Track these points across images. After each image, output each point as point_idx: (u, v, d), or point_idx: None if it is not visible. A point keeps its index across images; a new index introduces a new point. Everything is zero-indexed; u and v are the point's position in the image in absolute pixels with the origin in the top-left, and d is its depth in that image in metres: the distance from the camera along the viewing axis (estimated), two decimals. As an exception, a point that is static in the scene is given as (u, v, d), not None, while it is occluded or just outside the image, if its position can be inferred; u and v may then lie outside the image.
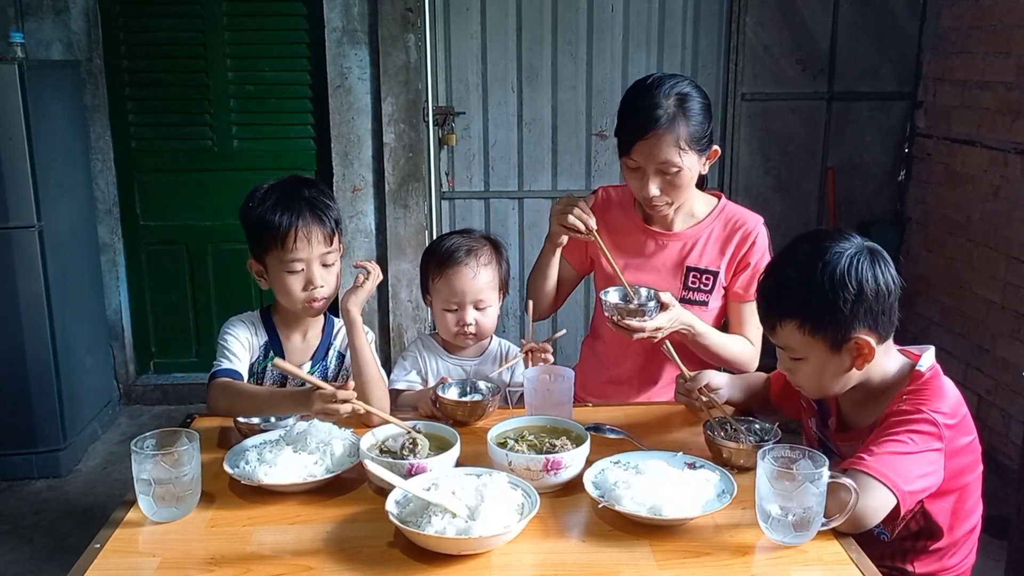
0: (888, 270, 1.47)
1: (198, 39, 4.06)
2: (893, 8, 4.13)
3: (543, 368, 1.84)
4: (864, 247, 1.47)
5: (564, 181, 4.31)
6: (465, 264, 1.93)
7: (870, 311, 1.44)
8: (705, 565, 1.31)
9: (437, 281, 1.96)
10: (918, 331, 4.03)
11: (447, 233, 2.07)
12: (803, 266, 1.46)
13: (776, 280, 1.51)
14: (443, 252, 1.96)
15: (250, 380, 1.90)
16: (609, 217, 2.06)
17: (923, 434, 1.42)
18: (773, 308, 1.51)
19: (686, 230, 2.02)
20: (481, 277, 1.94)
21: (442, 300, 1.96)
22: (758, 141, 4.26)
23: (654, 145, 1.83)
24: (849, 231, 1.52)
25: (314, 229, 1.81)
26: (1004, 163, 3.50)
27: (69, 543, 3.08)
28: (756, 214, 2.04)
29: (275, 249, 1.81)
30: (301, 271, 1.82)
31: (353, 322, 1.80)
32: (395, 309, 4.26)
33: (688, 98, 1.85)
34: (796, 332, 1.47)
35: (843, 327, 1.44)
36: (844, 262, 1.43)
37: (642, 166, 1.87)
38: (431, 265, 1.99)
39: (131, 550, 1.37)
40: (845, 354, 1.47)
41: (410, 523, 1.33)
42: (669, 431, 1.79)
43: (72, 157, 3.83)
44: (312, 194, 1.84)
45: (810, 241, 1.51)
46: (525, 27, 4.15)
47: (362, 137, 4.13)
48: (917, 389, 1.48)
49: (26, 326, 3.46)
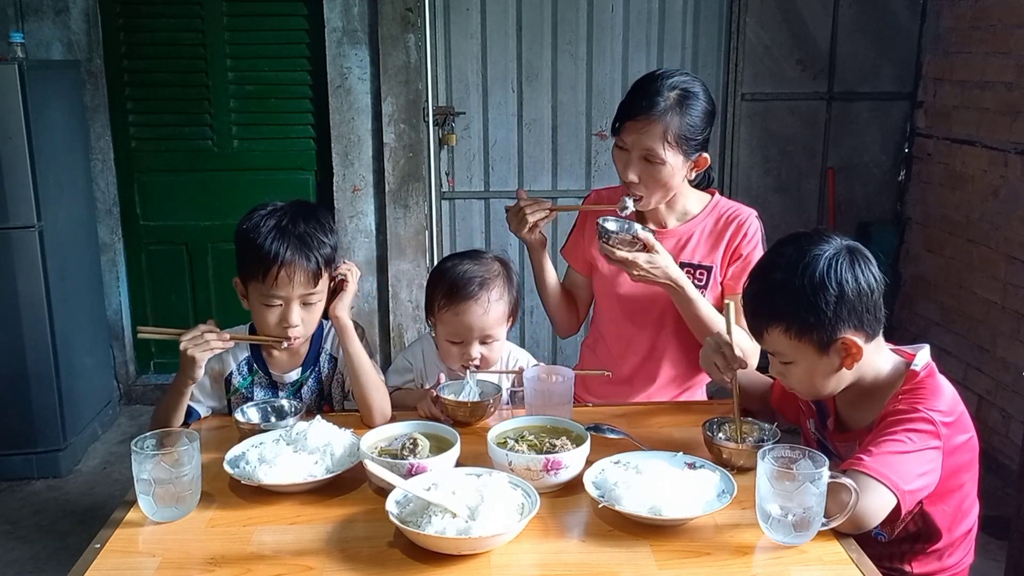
0: (869, 269, 1.47)
1: (198, 39, 4.06)
2: (893, 8, 4.13)
3: (543, 368, 1.84)
4: (844, 247, 1.47)
5: (564, 181, 4.31)
6: (476, 300, 1.86)
7: (853, 311, 1.45)
8: (705, 565, 1.31)
9: (444, 312, 1.89)
10: (918, 331, 4.03)
11: (457, 255, 1.98)
12: (784, 270, 1.47)
13: (759, 286, 1.52)
14: (454, 282, 1.87)
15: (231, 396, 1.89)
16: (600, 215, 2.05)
17: (921, 432, 1.42)
18: (759, 314, 1.52)
19: (679, 227, 2.01)
20: (491, 313, 1.88)
21: (448, 332, 1.90)
22: (758, 141, 4.26)
23: (641, 129, 1.83)
24: (830, 232, 1.52)
25: (298, 270, 1.73)
26: (1004, 163, 3.50)
27: (69, 543, 3.08)
28: (749, 207, 2.04)
29: (256, 281, 1.75)
30: (279, 307, 1.77)
31: (344, 328, 1.80)
32: (395, 309, 4.26)
33: (692, 96, 1.85)
34: (783, 337, 1.48)
35: (828, 329, 1.45)
36: (823, 264, 1.44)
37: (628, 149, 1.87)
38: (439, 292, 1.90)
39: (131, 550, 1.37)
40: (833, 355, 1.48)
41: (410, 523, 1.33)
42: (669, 431, 1.79)
43: (72, 157, 3.83)
44: (307, 228, 1.76)
45: (791, 244, 1.51)
46: (525, 27, 4.15)
47: (362, 137, 4.13)
48: (913, 388, 1.49)
49: (26, 326, 3.46)
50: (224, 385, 1.90)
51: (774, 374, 1.59)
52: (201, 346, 1.68)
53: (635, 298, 2.01)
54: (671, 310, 1.96)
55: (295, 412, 1.75)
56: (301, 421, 1.66)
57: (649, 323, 2.03)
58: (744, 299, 1.57)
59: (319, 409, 1.92)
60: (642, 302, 2.01)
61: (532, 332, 4.43)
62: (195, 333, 1.69)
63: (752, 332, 1.57)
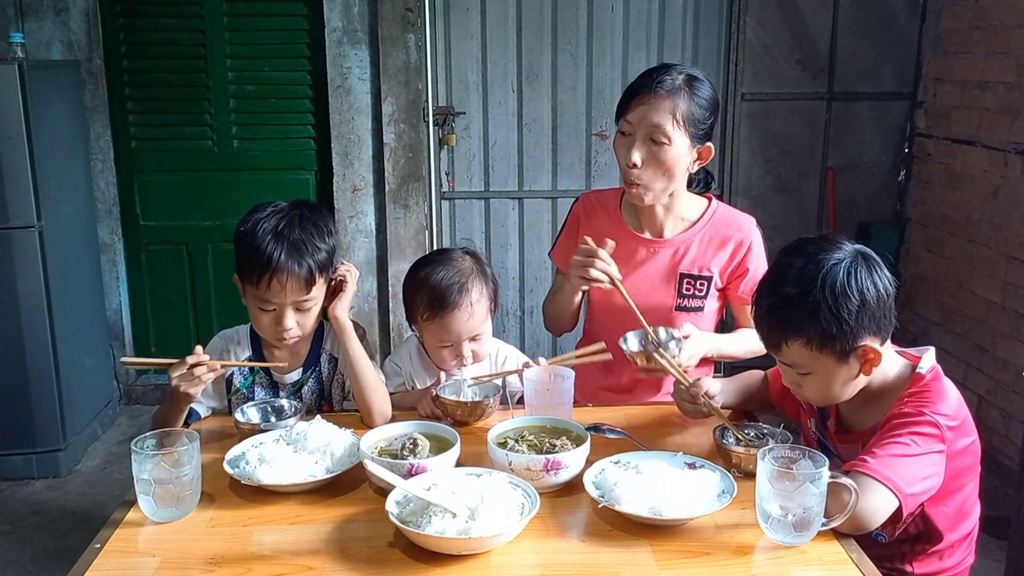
0: (884, 273, 1.46)
1: (198, 39, 4.06)
2: (893, 8, 4.13)
3: (543, 368, 1.84)
4: (857, 253, 1.46)
5: (564, 181, 4.31)
6: (459, 307, 1.85)
7: (873, 318, 1.43)
8: (705, 565, 1.31)
9: (429, 323, 1.89)
10: (918, 331, 4.03)
11: (427, 261, 1.94)
12: (800, 282, 1.43)
13: (776, 300, 1.47)
14: (433, 293, 1.86)
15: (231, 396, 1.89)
16: (595, 223, 2.03)
17: (925, 436, 1.42)
18: (777, 328, 1.48)
19: (677, 236, 1.99)
20: (476, 315, 1.87)
21: (435, 339, 1.90)
22: (758, 141, 4.26)
23: (651, 106, 1.81)
24: (835, 235, 1.50)
25: (290, 277, 1.72)
26: (1004, 163, 3.50)
27: (69, 543, 3.08)
28: (748, 215, 2.02)
29: (250, 284, 1.76)
30: (273, 311, 1.77)
31: (343, 328, 1.80)
32: (395, 309, 4.26)
33: (698, 81, 1.85)
34: (803, 349, 1.46)
35: (849, 338, 1.43)
36: (843, 273, 1.42)
37: (632, 131, 1.84)
38: (419, 303, 1.89)
39: (131, 550, 1.37)
40: (853, 362, 1.46)
41: (410, 523, 1.33)
42: (669, 431, 1.79)
43: (72, 157, 3.83)
44: (302, 234, 1.74)
45: (800, 254, 1.47)
46: (525, 27, 4.15)
47: (362, 137, 4.13)
48: (919, 391, 1.48)
49: (26, 326, 3.46)
50: (225, 385, 1.90)
51: (787, 384, 1.57)
52: (192, 382, 1.66)
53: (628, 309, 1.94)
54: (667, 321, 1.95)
55: (295, 412, 1.75)
56: (301, 421, 1.66)
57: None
58: (756, 313, 1.53)
59: (319, 409, 1.92)
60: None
61: (532, 332, 4.43)
62: (183, 370, 1.65)
63: (769, 346, 1.54)
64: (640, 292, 1.93)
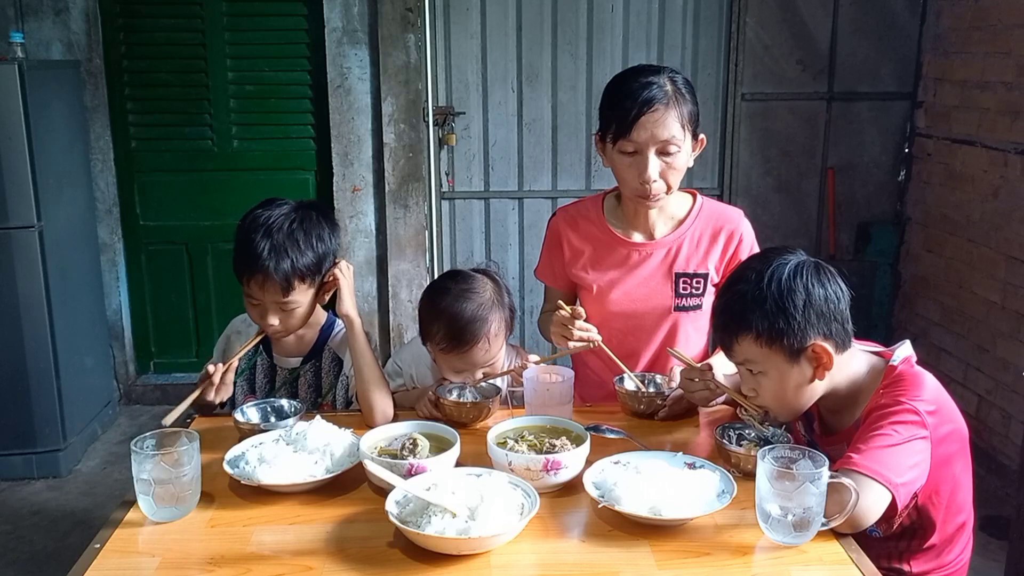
0: (835, 280, 1.50)
1: (198, 39, 4.06)
2: (893, 8, 4.13)
3: (543, 368, 1.84)
4: (808, 259, 1.52)
5: (564, 181, 4.31)
6: (477, 344, 1.84)
7: (822, 316, 1.46)
8: (705, 565, 1.31)
9: (446, 354, 1.87)
10: (918, 331, 4.03)
11: (446, 289, 1.89)
12: (752, 281, 1.49)
13: (727, 298, 1.54)
14: (451, 326, 1.83)
15: (239, 377, 1.93)
16: (580, 235, 2.00)
17: (907, 423, 1.43)
18: (728, 324, 1.53)
19: (668, 236, 1.96)
20: (493, 348, 1.88)
21: (451, 367, 1.89)
22: (758, 141, 4.26)
23: (658, 120, 1.78)
24: (796, 248, 1.55)
25: (267, 280, 1.76)
26: (1004, 163, 3.50)
27: (69, 543, 3.08)
28: (735, 208, 2.03)
29: (241, 278, 1.83)
30: (258, 306, 1.83)
31: (351, 324, 1.82)
32: (395, 309, 4.26)
33: (680, 81, 1.84)
34: (753, 345, 1.49)
35: (798, 334, 1.46)
36: (788, 270, 1.48)
37: (641, 149, 1.80)
38: (436, 333, 1.87)
39: (131, 550, 1.37)
40: (804, 364, 1.49)
41: (410, 523, 1.33)
42: (669, 431, 1.79)
43: (72, 157, 3.83)
44: (286, 240, 1.76)
45: (757, 259, 1.57)
46: (525, 27, 4.15)
47: (362, 137, 4.13)
48: (893, 382, 1.50)
49: (26, 326, 3.46)
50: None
51: (745, 391, 1.59)
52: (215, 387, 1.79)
53: (628, 315, 1.97)
54: (667, 322, 1.95)
55: (295, 412, 1.76)
56: (301, 421, 1.66)
57: (646, 337, 1.99)
58: (713, 313, 1.59)
59: (314, 405, 1.94)
60: (636, 318, 1.96)
61: (532, 332, 4.43)
62: (204, 384, 1.79)
63: (722, 345, 1.57)
64: (638, 296, 1.93)
